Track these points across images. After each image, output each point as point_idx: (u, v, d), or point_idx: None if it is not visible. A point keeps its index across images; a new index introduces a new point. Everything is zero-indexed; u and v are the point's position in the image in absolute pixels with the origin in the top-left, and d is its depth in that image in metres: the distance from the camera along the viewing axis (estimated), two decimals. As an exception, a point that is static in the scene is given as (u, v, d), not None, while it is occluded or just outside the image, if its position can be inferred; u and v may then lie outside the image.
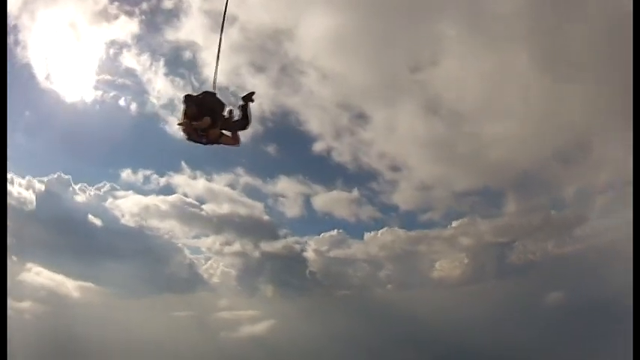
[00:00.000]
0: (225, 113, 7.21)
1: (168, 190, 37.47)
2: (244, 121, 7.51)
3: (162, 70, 34.10)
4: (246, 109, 7.62)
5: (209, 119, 6.61)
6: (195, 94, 7.00)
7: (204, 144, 6.83)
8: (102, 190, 35.73)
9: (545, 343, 79.59)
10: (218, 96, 7.15)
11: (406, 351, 78.72)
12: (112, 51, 32.61)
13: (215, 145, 7.19)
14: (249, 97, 7.75)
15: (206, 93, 7.10)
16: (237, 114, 7.43)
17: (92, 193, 35.66)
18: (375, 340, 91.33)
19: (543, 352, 74.04)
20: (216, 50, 7.69)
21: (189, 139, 6.72)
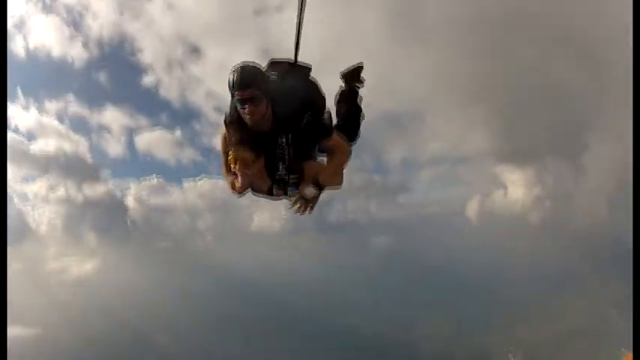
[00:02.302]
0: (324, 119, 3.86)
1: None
2: (350, 128, 4.19)
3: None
4: (355, 99, 4.42)
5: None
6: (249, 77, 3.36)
7: (284, 196, 3.78)
8: None
9: (354, 297, 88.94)
10: (311, 78, 3.89)
11: (225, 300, 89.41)
12: None
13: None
14: (355, 77, 4.41)
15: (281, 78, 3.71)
16: (331, 116, 4.05)
17: None
18: (195, 289, 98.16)
19: (349, 304, 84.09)
20: None
21: (255, 191, 3.78)
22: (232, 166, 3.51)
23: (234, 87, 3.30)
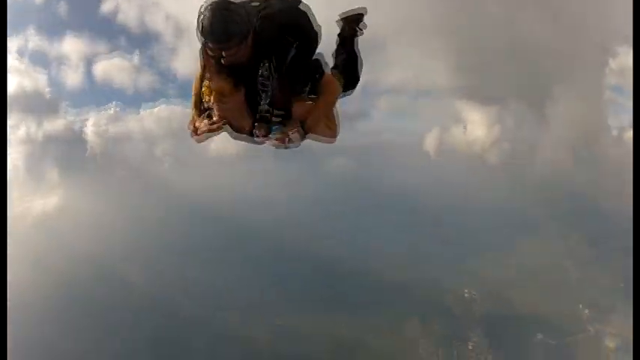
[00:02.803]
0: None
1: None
2: (347, 76, 3.94)
3: None
4: (353, 46, 4.15)
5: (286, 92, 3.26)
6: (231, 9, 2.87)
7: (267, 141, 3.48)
8: None
9: (312, 223, 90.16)
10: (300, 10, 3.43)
11: (186, 228, 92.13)
12: None
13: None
14: (355, 22, 4.17)
15: (264, 16, 3.15)
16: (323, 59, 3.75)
17: None
18: (155, 216, 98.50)
19: (307, 231, 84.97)
20: None
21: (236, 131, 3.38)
22: (207, 98, 3.14)
23: (205, 37, 2.75)
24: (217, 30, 2.72)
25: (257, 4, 3.16)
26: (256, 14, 3.04)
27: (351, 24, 4.10)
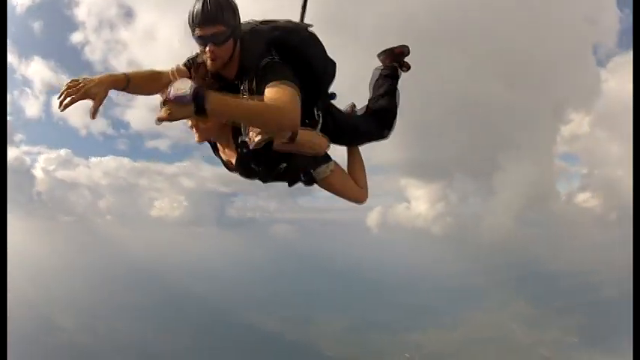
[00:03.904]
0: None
1: None
2: (383, 121, 3.39)
3: None
4: (394, 91, 3.50)
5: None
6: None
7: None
8: None
9: (254, 296, 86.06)
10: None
11: (118, 283, 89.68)
12: None
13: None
14: (400, 60, 3.57)
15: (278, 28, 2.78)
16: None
17: None
18: (93, 268, 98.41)
19: (247, 299, 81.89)
20: None
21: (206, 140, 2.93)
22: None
23: (194, 20, 2.48)
24: (207, 9, 2.40)
25: (260, 22, 2.79)
26: (251, 27, 2.71)
27: (395, 58, 3.61)
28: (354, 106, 3.56)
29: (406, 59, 3.62)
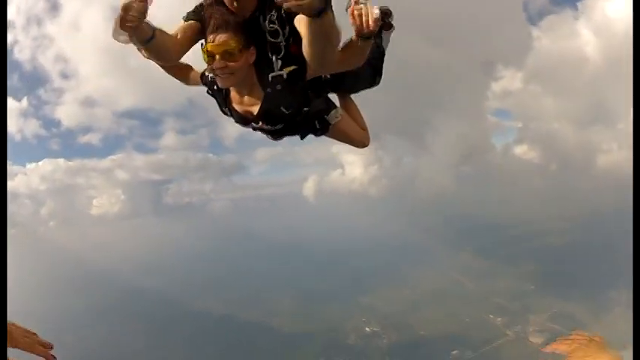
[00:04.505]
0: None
1: None
2: (376, 68, 3.33)
3: None
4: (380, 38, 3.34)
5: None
6: None
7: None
8: None
9: (201, 282, 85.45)
10: None
11: (68, 289, 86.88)
12: None
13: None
14: (386, 18, 3.27)
15: None
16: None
17: None
18: (45, 279, 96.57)
19: (194, 286, 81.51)
20: None
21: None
22: (210, 61, 2.54)
23: None
24: None
25: None
26: None
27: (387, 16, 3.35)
28: None
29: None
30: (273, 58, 2.58)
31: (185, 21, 2.64)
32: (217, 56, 2.48)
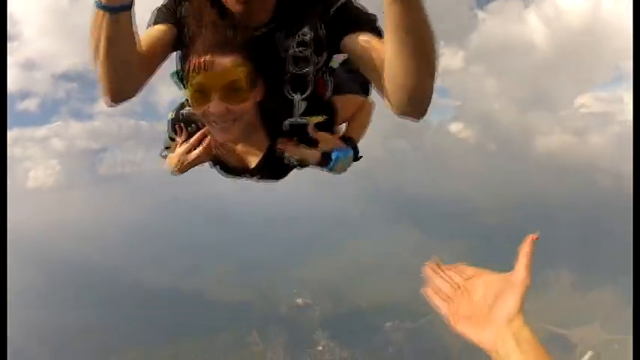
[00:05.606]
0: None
1: None
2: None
3: None
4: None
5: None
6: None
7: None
8: None
9: (140, 255, 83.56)
10: None
11: (17, 265, 78.78)
12: None
13: None
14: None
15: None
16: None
17: None
18: None
19: (132, 258, 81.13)
20: None
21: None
22: (200, 101, 1.58)
23: None
24: None
25: None
26: None
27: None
28: None
29: None
30: (296, 97, 1.71)
31: (154, 24, 1.63)
32: (214, 94, 1.52)
